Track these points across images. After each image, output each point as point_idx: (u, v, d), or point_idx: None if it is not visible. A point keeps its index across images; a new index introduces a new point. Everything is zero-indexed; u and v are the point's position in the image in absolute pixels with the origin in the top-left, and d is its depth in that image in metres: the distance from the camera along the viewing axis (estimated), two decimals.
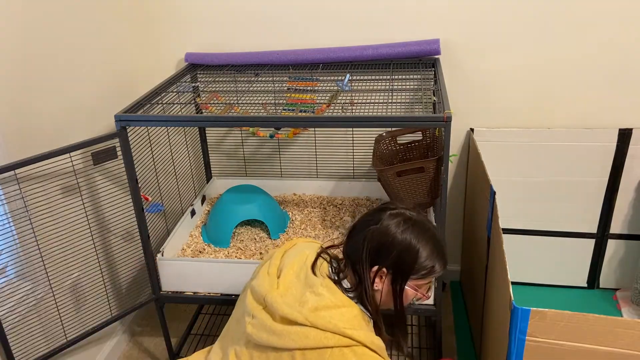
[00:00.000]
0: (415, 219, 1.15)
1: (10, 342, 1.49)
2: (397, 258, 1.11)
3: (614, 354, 1.18)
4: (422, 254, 1.11)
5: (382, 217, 1.13)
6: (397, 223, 1.12)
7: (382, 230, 1.11)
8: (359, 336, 1.06)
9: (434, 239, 1.14)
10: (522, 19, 1.87)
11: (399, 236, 1.10)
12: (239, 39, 2.05)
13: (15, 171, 1.44)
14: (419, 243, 1.11)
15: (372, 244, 1.11)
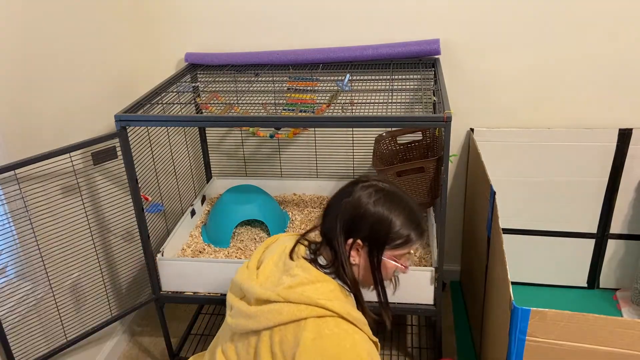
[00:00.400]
0: (387, 189, 1.13)
1: (10, 342, 1.49)
2: (370, 229, 1.09)
3: (614, 354, 1.18)
4: (396, 223, 1.09)
5: (354, 189, 1.12)
6: (369, 194, 1.10)
7: (354, 202, 1.10)
8: (333, 306, 1.04)
9: (407, 208, 1.12)
10: (522, 19, 1.87)
11: (371, 207, 1.09)
12: (239, 39, 2.05)
13: (15, 171, 1.44)
14: (392, 213, 1.09)
15: (345, 217, 1.10)
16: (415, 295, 1.67)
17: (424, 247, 1.81)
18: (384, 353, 1.96)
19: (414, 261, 1.20)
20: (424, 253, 1.78)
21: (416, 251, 1.23)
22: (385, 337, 2.04)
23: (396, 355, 1.95)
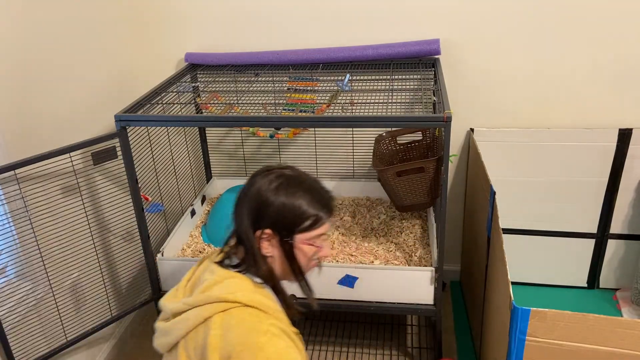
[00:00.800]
0: (287, 174, 1.10)
1: (10, 342, 1.49)
2: (276, 216, 1.07)
3: (614, 354, 1.18)
4: (301, 205, 1.07)
5: (254, 180, 1.10)
6: (269, 181, 1.08)
7: (254, 192, 1.08)
8: (236, 297, 1.03)
9: (311, 189, 1.10)
10: (522, 20, 1.87)
11: (272, 194, 1.07)
12: (239, 39, 2.05)
13: (15, 171, 1.44)
14: (295, 196, 1.07)
15: (249, 209, 1.08)
16: (415, 295, 1.67)
17: (424, 247, 1.82)
18: (384, 353, 1.96)
19: (331, 242, 1.15)
20: (424, 253, 1.79)
21: (332, 232, 1.18)
22: (385, 337, 2.05)
23: (396, 355, 1.95)
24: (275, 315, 1.05)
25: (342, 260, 1.78)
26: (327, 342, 2.03)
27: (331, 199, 1.13)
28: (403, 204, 1.80)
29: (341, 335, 2.06)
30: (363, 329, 2.09)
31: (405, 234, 1.91)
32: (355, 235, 1.92)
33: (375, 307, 1.71)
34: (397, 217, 2.02)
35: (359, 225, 1.99)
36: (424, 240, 1.86)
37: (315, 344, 2.02)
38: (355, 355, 1.97)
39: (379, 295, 1.69)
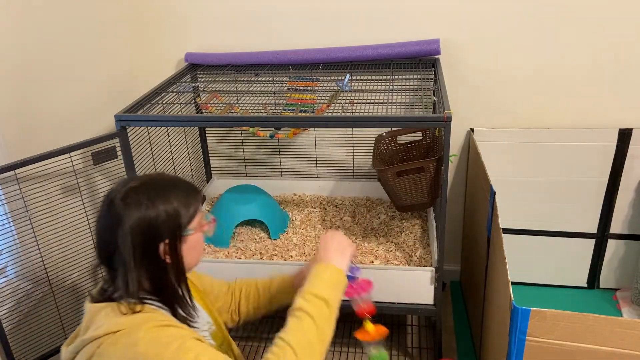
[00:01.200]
0: (142, 185, 1.01)
1: (10, 342, 1.49)
2: (164, 228, 0.99)
3: (614, 354, 1.18)
4: (174, 206, 1.00)
5: (118, 212, 0.97)
6: (136, 203, 0.98)
7: (132, 216, 0.97)
8: (102, 331, 0.94)
9: (170, 185, 1.03)
10: (522, 19, 1.87)
11: (151, 212, 0.97)
12: (239, 39, 2.05)
13: (15, 171, 1.44)
14: (167, 202, 0.99)
15: (134, 241, 0.96)
16: (415, 295, 1.67)
17: (424, 247, 1.82)
18: None
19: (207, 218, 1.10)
20: (424, 253, 1.78)
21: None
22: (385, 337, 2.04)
23: (396, 356, 1.95)
24: (156, 322, 0.97)
25: None
26: None
27: (185, 182, 1.08)
28: (403, 204, 1.80)
29: (341, 335, 2.06)
30: None
31: (405, 234, 1.91)
32: (355, 235, 1.92)
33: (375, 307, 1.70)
34: (397, 217, 2.02)
35: (359, 225, 1.99)
36: (424, 240, 1.86)
37: None
38: (355, 356, 1.97)
39: (379, 295, 1.69)
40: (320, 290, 1.07)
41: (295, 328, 1.02)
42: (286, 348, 0.98)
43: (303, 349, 0.98)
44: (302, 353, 0.98)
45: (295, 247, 1.86)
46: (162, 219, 0.98)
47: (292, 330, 1.01)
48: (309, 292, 1.06)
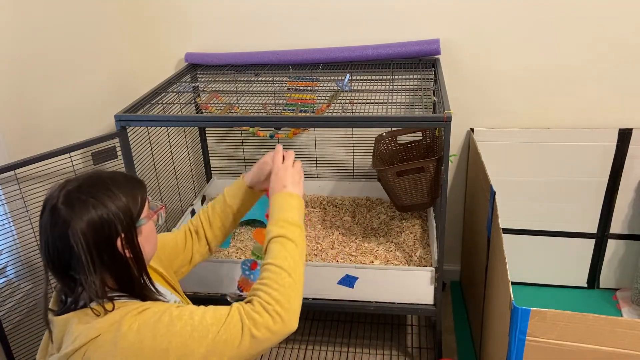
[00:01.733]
0: (81, 186, 0.99)
1: (10, 342, 1.49)
2: (117, 223, 0.96)
3: (614, 354, 1.18)
4: (123, 200, 0.98)
5: (64, 218, 0.94)
6: (82, 204, 0.95)
7: (81, 228, 0.93)
8: (80, 342, 0.92)
9: (113, 182, 1.00)
10: (522, 19, 1.87)
11: (100, 210, 0.95)
12: (239, 39, 2.05)
13: (15, 171, 1.44)
14: (109, 199, 0.96)
15: (89, 242, 0.93)
16: (415, 295, 1.67)
17: (424, 247, 1.82)
18: (384, 353, 1.96)
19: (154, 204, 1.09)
20: (424, 253, 1.79)
21: None
22: (385, 337, 2.05)
23: (396, 356, 1.95)
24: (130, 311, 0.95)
25: (342, 260, 1.78)
26: (327, 342, 2.03)
27: (124, 174, 1.06)
28: (403, 204, 1.80)
29: (341, 335, 2.06)
30: (363, 329, 2.09)
31: (405, 234, 1.91)
32: (355, 235, 1.92)
33: (375, 307, 1.71)
34: (397, 217, 2.02)
35: (359, 225, 1.99)
36: (424, 240, 1.86)
37: (315, 344, 2.02)
38: (355, 355, 1.97)
39: (379, 295, 1.69)
40: (292, 216, 1.11)
41: (281, 253, 1.05)
42: (279, 271, 1.01)
43: (294, 270, 1.03)
44: (294, 274, 1.02)
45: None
46: (113, 214, 0.95)
47: (280, 256, 1.04)
48: (283, 220, 1.10)
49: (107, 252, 0.96)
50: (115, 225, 0.95)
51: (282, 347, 2.01)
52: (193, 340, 0.91)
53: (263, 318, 0.95)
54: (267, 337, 0.95)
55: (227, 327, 0.94)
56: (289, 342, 2.03)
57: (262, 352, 0.98)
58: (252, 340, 0.94)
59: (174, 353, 0.90)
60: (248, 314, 0.96)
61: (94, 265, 0.93)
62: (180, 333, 0.91)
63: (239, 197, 1.34)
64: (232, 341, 0.93)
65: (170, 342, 0.90)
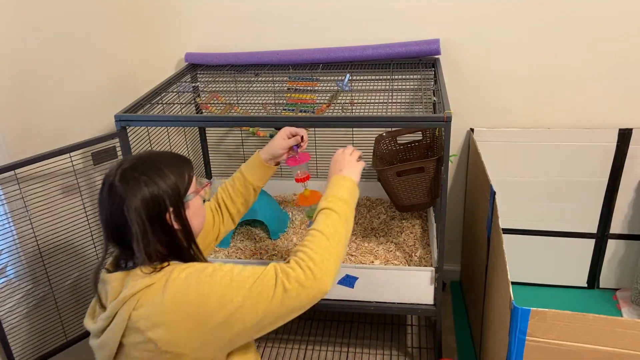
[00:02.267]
0: (134, 165, 1.08)
1: (10, 342, 1.49)
2: (165, 198, 1.07)
3: (614, 354, 1.18)
4: (171, 178, 1.08)
5: (120, 194, 1.05)
6: (135, 182, 1.05)
7: (135, 204, 1.04)
8: (139, 287, 1.03)
9: (162, 162, 1.10)
10: (522, 19, 1.87)
11: (151, 188, 1.05)
12: (239, 39, 2.05)
13: (15, 171, 1.44)
14: (159, 177, 1.07)
15: (142, 216, 1.04)
16: (415, 295, 1.67)
17: (424, 247, 1.82)
18: (384, 353, 1.96)
19: (200, 182, 1.21)
20: (424, 253, 1.79)
21: None
22: (385, 337, 2.05)
23: (396, 356, 1.95)
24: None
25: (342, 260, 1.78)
26: (327, 342, 2.03)
27: (173, 153, 1.17)
28: (403, 204, 1.80)
29: (341, 335, 2.06)
30: (363, 329, 2.09)
31: (405, 234, 1.91)
32: (355, 235, 1.92)
33: (375, 307, 1.71)
34: (397, 217, 2.02)
35: (359, 225, 1.99)
36: (424, 240, 1.86)
37: (315, 344, 2.02)
38: (355, 355, 1.97)
39: (379, 295, 1.69)
40: (341, 194, 1.20)
41: (325, 221, 1.14)
42: (318, 234, 1.11)
43: (332, 236, 1.11)
44: (332, 239, 1.11)
45: (295, 247, 1.86)
46: (163, 190, 1.06)
47: (322, 223, 1.13)
48: (333, 196, 1.19)
49: (158, 225, 1.07)
50: (165, 201, 1.06)
51: (282, 347, 2.01)
52: (232, 289, 1.01)
53: (295, 272, 1.03)
54: (298, 292, 1.02)
55: (263, 279, 1.03)
56: (289, 342, 2.03)
57: (294, 309, 1.05)
58: (284, 294, 1.02)
59: (215, 298, 1.01)
60: (282, 269, 1.05)
61: (147, 236, 1.05)
62: (220, 282, 1.02)
63: (258, 173, 1.48)
64: (266, 292, 1.02)
65: (212, 288, 1.01)
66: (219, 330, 1.02)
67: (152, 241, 1.05)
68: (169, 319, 1.01)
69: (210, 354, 1.05)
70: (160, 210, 1.06)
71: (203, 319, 1.01)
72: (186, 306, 1.01)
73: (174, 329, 1.00)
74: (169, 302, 1.01)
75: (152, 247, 1.06)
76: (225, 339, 1.03)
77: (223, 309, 1.01)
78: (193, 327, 1.01)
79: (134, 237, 1.04)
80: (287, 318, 1.05)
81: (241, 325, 1.02)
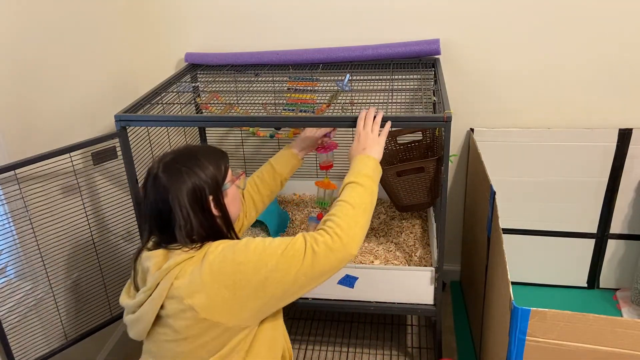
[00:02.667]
0: (175, 158, 1.19)
1: (10, 342, 1.49)
2: (206, 187, 1.17)
3: (614, 354, 1.18)
4: (210, 169, 1.19)
5: (164, 184, 1.15)
6: (177, 173, 1.16)
7: (179, 193, 1.14)
8: (182, 258, 1.14)
9: (200, 154, 1.20)
10: (522, 19, 1.87)
11: (192, 178, 1.16)
12: (239, 39, 2.05)
13: (15, 171, 1.44)
14: (199, 168, 1.17)
15: (185, 204, 1.15)
16: (415, 295, 1.67)
17: (424, 247, 1.82)
18: (384, 353, 1.96)
19: (236, 172, 1.32)
20: (424, 253, 1.78)
21: None
22: (385, 337, 2.05)
23: (396, 356, 1.95)
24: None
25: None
26: (327, 342, 2.03)
27: (209, 146, 1.29)
28: (403, 204, 1.80)
29: (341, 335, 2.06)
30: (363, 329, 2.09)
31: (405, 234, 1.91)
32: None
33: (375, 307, 1.71)
34: (397, 217, 2.02)
35: None
36: (424, 240, 1.86)
37: (315, 344, 2.02)
38: (355, 355, 1.97)
39: (379, 295, 1.69)
40: (365, 170, 1.27)
41: (351, 193, 1.21)
42: (344, 204, 1.19)
43: (358, 205, 1.19)
44: (358, 208, 1.18)
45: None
46: (203, 180, 1.16)
47: (348, 195, 1.21)
48: (357, 172, 1.27)
49: (200, 211, 1.16)
50: (205, 189, 1.17)
51: None
52: (265, 255, 1.11)
53: (323, 237, 1.13)
54: (327, 255, 1.11)
55: (293, 245, 1.12)
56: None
57: (324, 272, 1.13)
58: (313, 256, 1.11)
59: (250, 265, 1.10)
60: (311, 235, 1.14)
61: (190, 221, 1.15)
62: (254, 251, 1.12)
63: (289, 165, 1.61)
64: (298, 256, 1.11)
65: (247, 257, 1.11)
66: (254, 296, 1.11)
67: (194, 226, 1.15)
68: (208, 288, 1.09)
69: (244, 322, 1.14)
70: (202, 198, 1.16)
71: (239, 285, 1.10)
72: (223, 276, 1.10)
73: (213, 297, 1.09)
74: (207, 273, 1.10)
75: (195, 232, 1.16)
76: (259, 304, 1.12)
77: (257, 273, 1.10)
78: (230, 296, 1.10)
79: (178, 223, 1.15)
80: (318, 280, 1.14)
81: (274, 289, 1.11)
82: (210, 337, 1.12)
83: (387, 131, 1.38)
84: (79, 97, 1.77)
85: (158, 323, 1.16)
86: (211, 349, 1.14)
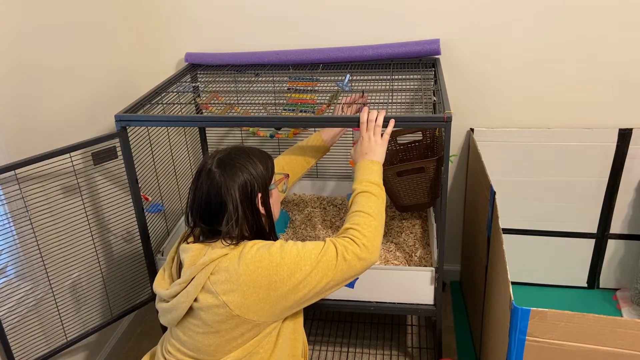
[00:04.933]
0: (229, 155, 1.25)
1: (10, 342, 1.49)
2: (256, 184, 1.24)
3: (614, 354, 1.18)
4: (260, 167, 1.25)
5: (217, 178, 1.21)
6: (231, 168, 1.22)
7: (232, 187, 1.21)
8: (217, 254, 1.19)
9: (249, 154, 1.27)
10: (522, 19, 1.87)
11: (245, 174, 1.22)
12: (239, 39, 2.05)
13: (15, 171, 1.44)
14: (251, 166, 1.24)
15: (237, 198, 1.21)
16: (415, 295, 1.67)
17: (424, 247, 1.82)
18: (384, 353, 1.96)
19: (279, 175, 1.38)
20: (424, 253, 1.79)
21: None
22: (385, 337, 2.05)
23: (396, 356, 1.95)
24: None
25: None
26: (327, 342, 2.03)
27: (256, 149, 1.32)
28: (403, 204, 1.80)
29: (341, 335, 2.07)
30: (363, 329, 2.09)
31: (405, 234, 1.91)
32: None
33: (375, 307, 1.71)
34: (397, 217, 2.02)
35: None
36: (424, 240, 1.86)
37: (315, 344, 2.02)
38: (355, 355, 1.97)
39: (379, 295, 1.69)
40: (373, 177, 1.33)
41: (368, 203, 1.28)
42: (365, 216, 1.25)
43: (376, 216, 1.26)
44: (377, 219, 1.26)
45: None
46: (254, 177, 1.23)
47: (366, 205, 1.28)
48: (366, 180, 1.32)
49: (249, 207, 1.23)
50: (255, 186, 1.23)
51: None
52: (300, 259, 1.17)
53: (352, 247, 1.20)
54: (355, 262, 1.19)
55: (326, 252, 1.18)
56: None
57: (350, 277, 1.21)
58: (344, 263, 1.18)
59: (286, 268, 1.16)
60: (341, 244, 1.20)
61: (238, 214, 1.20)
62: (289, 254, 1.17)
63: (318, 154, 1.68)
64: (331, 263, 1.17)
65: (283, 259, 1.16)
66: (286, 297, 1.16)
67: (240, 220, 1.21)
68: (244, 287, 1.15)
69: (273, 319, 1.20)
70: (252, 194, 1.23)
71: (274, 286, 1.15)
72: (259, 277, 1.15)
73: (247, 296, 1.15)
74: (243, 272, 1.15)
75: (240, 225, 1.21)
76: (289, 304, 1.18)
77: (293, 277, 1.15)
78: (264, 295, 1.15)
79: (227, 215, 1.20)
80: (342, 284, 1.22)
81: (307, 292, 1.17)
82: (240, 332, 1.18)
83: (390, 131, 1.40)
84: (79, 97, 1.77)
85: (190, 314, 1.21)
86: (240, 342, 1.20)
